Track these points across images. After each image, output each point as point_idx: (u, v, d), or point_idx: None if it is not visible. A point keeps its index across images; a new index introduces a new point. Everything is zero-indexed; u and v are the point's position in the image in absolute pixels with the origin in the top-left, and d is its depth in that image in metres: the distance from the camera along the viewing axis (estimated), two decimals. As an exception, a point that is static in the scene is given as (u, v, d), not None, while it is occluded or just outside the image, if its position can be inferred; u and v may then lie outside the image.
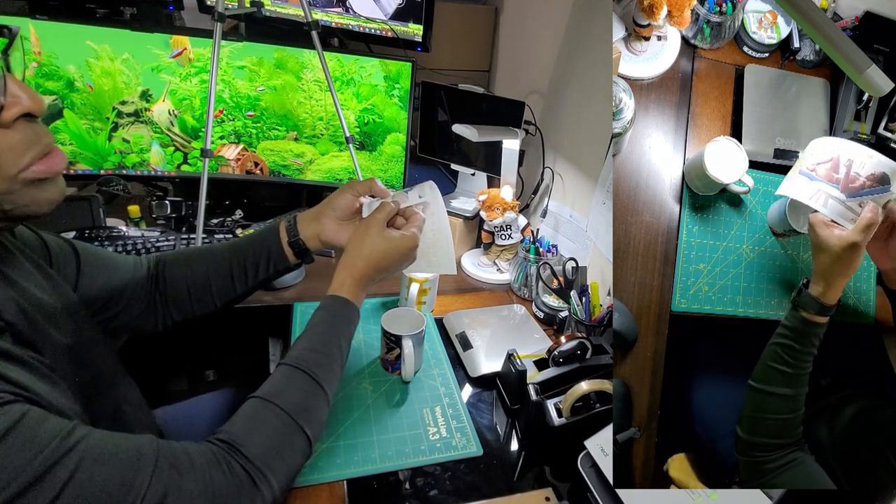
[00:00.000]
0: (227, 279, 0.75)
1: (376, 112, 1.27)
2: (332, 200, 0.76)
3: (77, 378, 0.54)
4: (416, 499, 0.70)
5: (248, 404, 0.56)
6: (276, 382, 0.58)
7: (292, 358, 0.60)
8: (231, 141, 1.25)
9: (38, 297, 0.54)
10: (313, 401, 0.58)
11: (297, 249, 0.75)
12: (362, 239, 0.69)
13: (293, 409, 0.55)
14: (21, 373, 0.44)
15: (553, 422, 0.76)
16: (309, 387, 0.58)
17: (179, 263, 0.75)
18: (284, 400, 0.55)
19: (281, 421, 0.54)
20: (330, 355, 0.63)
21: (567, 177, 1.25)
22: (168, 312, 0.75)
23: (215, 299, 0.75)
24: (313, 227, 0.75)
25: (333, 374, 0.62)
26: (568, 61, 1.28)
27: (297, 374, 0.59)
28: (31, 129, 0.46)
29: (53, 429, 0.41)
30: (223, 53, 1.15)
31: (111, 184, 1.15)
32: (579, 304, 0.98)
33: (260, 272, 0.76)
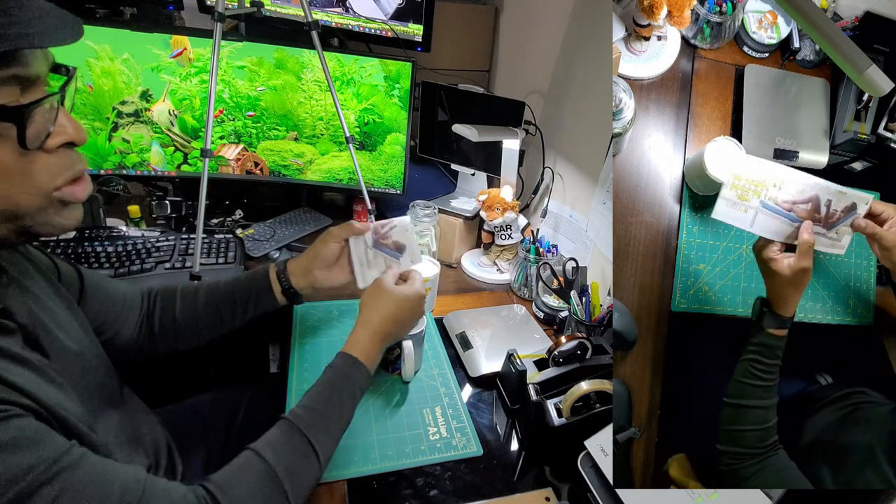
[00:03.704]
0: (216, 318, 0.80)
1: (376, 112, 1.27)
2: (317, 254, 0.82)
3: (83, 384, 0.55)
4: (416, 499, 0.70)
5: (243, 455, 0.57)
6: (273, 438, 0.59)
7: (293, 415, 0.61)
8: (231, 141, 1.25)
9: (49, 305, 0.57)
10: (303, 464, 0.58)
11: (290, 296, 0.83)
12: (374, 296, 0.74)
13: (281, 470, 0.55)
14: (29, 376, 0.45)
15: (553, 422, 0.76)
16: (302, 448, 0.59)
17: (172, 300, 0.79)
18: (275, 458, 0.56)
19: (267, 478, 0.55)
20: (327, 417, 0.63)
21: (567, 177, 1.25)
22: (153, 345, 0.78)
23: (201, 337, 0.80)
24: (306, 279, 0.82)
25: (330, 436, 0.63)
26: (568, 61, 1.28)
27: (293, 433, 0.59)
28: (69, 155, 0.50)
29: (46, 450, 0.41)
30: (223, 53, 1.15)
31: (111, 184, 1.15)
32: (579, 304, 0.98)
33: (249, 314, 0.81)
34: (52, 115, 0.47)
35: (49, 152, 0.48)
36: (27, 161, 0.46)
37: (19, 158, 0.45)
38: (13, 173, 0.45)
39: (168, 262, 1.05)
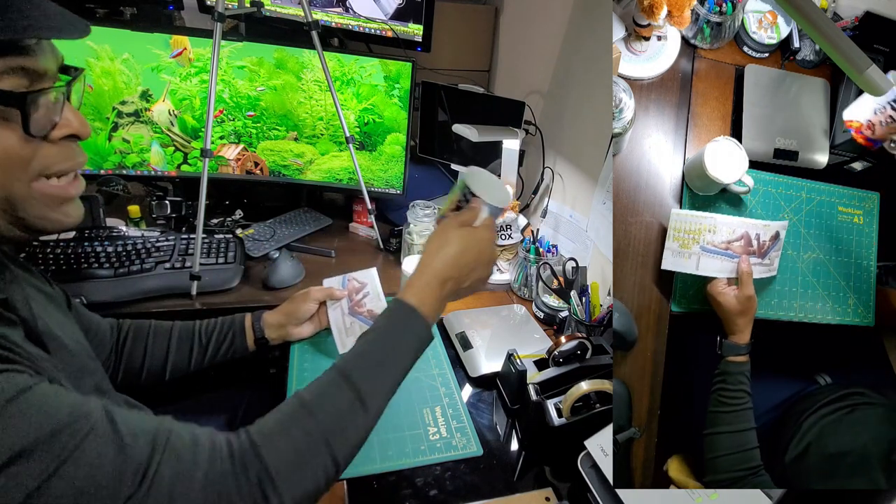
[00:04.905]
0: (186, 358, 0.83)
1: (376, 112, 1.27)
2: (293, 312, 0.88)
3: (82, 382, 0.56)
4: (416, 499, 0.70)
5: (289, 403, 0.53)
6: (321, 388, 0.54)
7: (343, 364, 0.56)
8: (231, 141, 1.25)
9: (46, 304, 0.58)
10: (352, 421, 0.53)
11: (261, 345, 0.87)
12: (434, 238, 0.65)
13: (328, 427, 0.51)
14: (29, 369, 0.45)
15: (553, 422, 0.76)
16: (350, 404, 0.53)
17: (144, 338, 0.81)
18: (322, 413, 0.52)
19: (312, 437, 0.50)
20: (383, 367, 0.57)
21: (567, 177, 1.25)
22: (114, 377, 0.78)
23: (167, 372, 0.82)
24: (279, 332, 0.88)
25: (382, 391, 0.56)
26: (568, 61, 1.28)
27: (342, 385, 0.54)
28: (70, 147, 0.52)
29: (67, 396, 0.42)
30: (223, 53, 1.15)
31: (111, 184, 1.15)
32: (579, 304, 0.98)
33: (219, 357, 0.85)
34: (59, 108, 0.50)
35: (52, 143, 0.50)
36: (31, 149, 0.48)
37: (24, 145, 0.47)
38: (15, 160, 0.47)
39: (168, 262, 1.05)
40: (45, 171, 0.50)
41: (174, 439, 0.45)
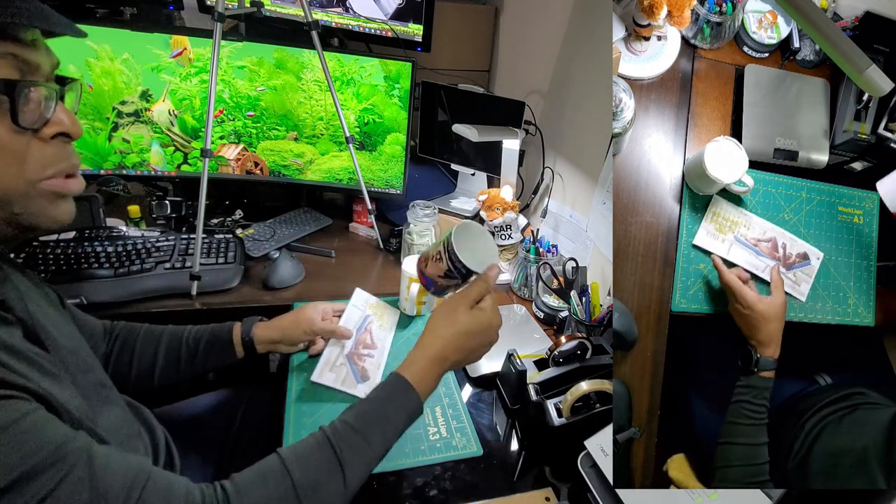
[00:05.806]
0: (174, 365, 0.81)
1: (376, 112, 1.27)
2: (291, 333, 0.86)
3: (82, 379, 0.55)
4: (416, 499, 0.70)
5: (269, 460, 0.54)
6: (303, 448, 0.56)
7: (332, 428, 0.58)
8: (231, 141, 1.25)
9: (42, 304, 0.57)
10: (328, 484, 0.54)
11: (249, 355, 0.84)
12: (441, 316, 0.66)
13: (302, 487, 0.52)
14: (28, 369, 0.45)
15: (553, 422, 0.76)
16: (331, 467, 0.55)
17: (133, 343, 0.79)
18: (300, 472, 0.53)
19: (286, 496, 0.52)
20: (367, 440, 0.58)
21: (567, 177, 1.25)
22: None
23: (155, 380, 0.80)
24: (268, 347, 0.86)
25: (364, 461, 0.58)
26: (568, 61, 1.28)
27: (325, 448, 0.56)
28: (64, 148, 0.52)
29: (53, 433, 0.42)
30: (223, 53, 1.15)
31: (111, 184, 1.15)
32: (579, 304, 0.98)
33: (208, 365, 0.82)
34: (51, 105, 0.50)
35: (44, 141, 0.50)
36: (22, 143, 0.48)
37: (14, 137, 0.47)
38: (6, 152, 0.47)
39: (168, 262, 1.05)
40: (43, 173, 0.50)
41: (150, 487, 0.46)
